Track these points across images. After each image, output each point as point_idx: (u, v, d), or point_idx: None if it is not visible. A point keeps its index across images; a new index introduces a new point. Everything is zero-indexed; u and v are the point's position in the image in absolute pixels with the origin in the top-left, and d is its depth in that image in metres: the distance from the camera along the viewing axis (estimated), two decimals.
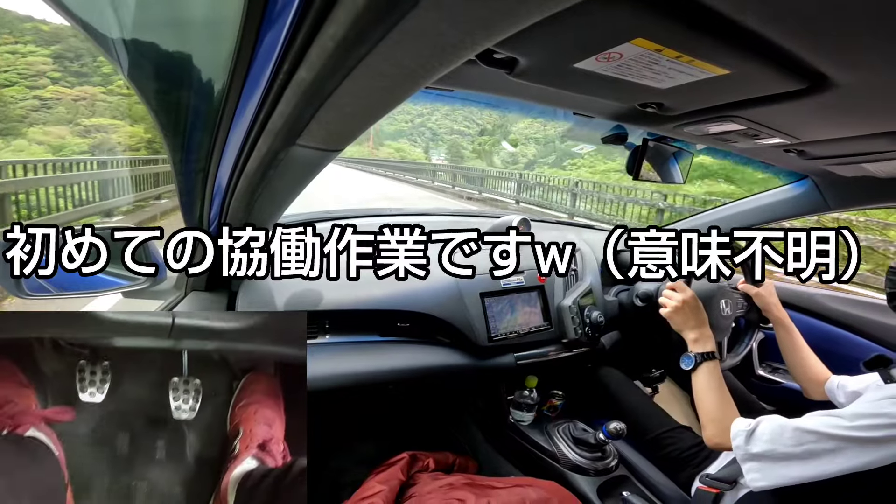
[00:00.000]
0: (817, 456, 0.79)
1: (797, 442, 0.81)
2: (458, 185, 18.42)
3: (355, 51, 0.33)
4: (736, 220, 1.76)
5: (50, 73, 26.67)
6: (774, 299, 1.31)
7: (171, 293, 1.00)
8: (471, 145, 46.07)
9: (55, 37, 27.54)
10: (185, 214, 0.91)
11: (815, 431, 0.81)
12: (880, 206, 1.52)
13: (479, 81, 0.79)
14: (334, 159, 0.63)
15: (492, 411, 1.46)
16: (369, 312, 1.15)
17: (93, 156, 18.41)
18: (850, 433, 0.77)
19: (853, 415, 0.79)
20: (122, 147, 21.97)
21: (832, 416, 0.81)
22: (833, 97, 0.65)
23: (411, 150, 52.50)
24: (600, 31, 0.50)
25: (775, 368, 1.70)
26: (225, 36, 0.41)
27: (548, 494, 0.99)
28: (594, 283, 1.45)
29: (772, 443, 0.84)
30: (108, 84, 26.14)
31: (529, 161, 39.26)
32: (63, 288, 0.86)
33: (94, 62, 26.52)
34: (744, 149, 1.11)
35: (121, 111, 24.64)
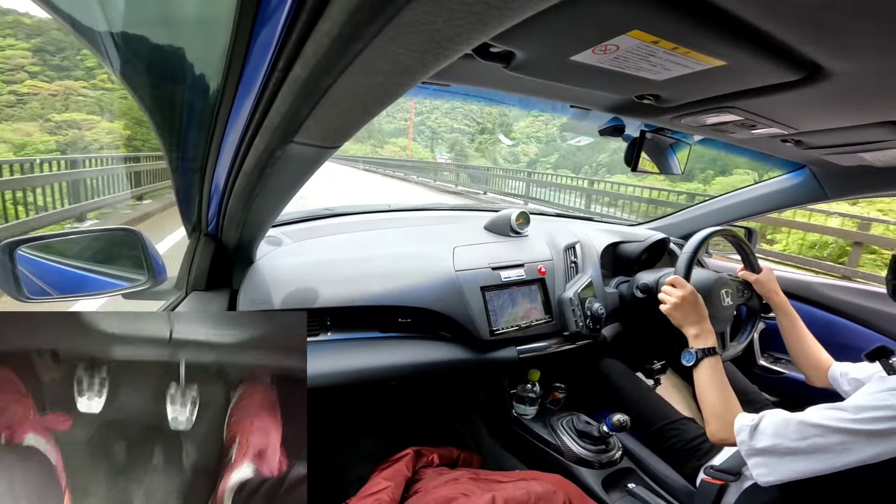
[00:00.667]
0: (823, 450, 0.79)
1: (802, 436, 0.81)
2: (461, 183, 17.51)
3: (351, 47, 0.33)
4: (735, 210, 1.76)
5: (28, 66, 25.33)
6: (774, 285, 1.31)
7: (171, 293, 1.00)
8: (472, 144, 45.93)
9: (36, 30, 26.56)
10: (184, 214, 0.91)
11: (819, 425, 0.80)
12: (878, 195, 1.52)
13: (476, 76, 0.79)
14: (331, 157, 0.63)
15: (495, 405, 1.47)
16: (370, 309, 1.15)
17: (63, 154, 17.26)
18: (855, 426, 0.77)
19: (856, 407, 0.79)
20: (97, 145, 20.33)
21: (836, 409, 0.81)
22: (829, 87, 0.65)
23: (416, 147, 52.22)
24: (596, 23, 0.50)
25: (777, 359, 1.71)
26: (219, 33, 0.40)
27: (553, 488, 1.00)
28: (594, 276, 1.46)
29: (776, 437, 0.84)
30: (92, 78, 25.05)
31: (531, 160, 39.05)
32: (64, 291, 0.86)
33: (77, 55, 25.58)
34: (741, 139, 1.11)
35: (100, 106, 23.27)
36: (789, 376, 1.61)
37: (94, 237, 0.98)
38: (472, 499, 0.96)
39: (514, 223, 1.49)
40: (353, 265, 1.19)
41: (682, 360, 1.09)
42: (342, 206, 1.63)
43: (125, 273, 0.93)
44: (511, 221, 1.48)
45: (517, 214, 1.50)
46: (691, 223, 1.88)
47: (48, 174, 6.50)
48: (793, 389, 1.58)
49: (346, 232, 1.37)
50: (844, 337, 1.53)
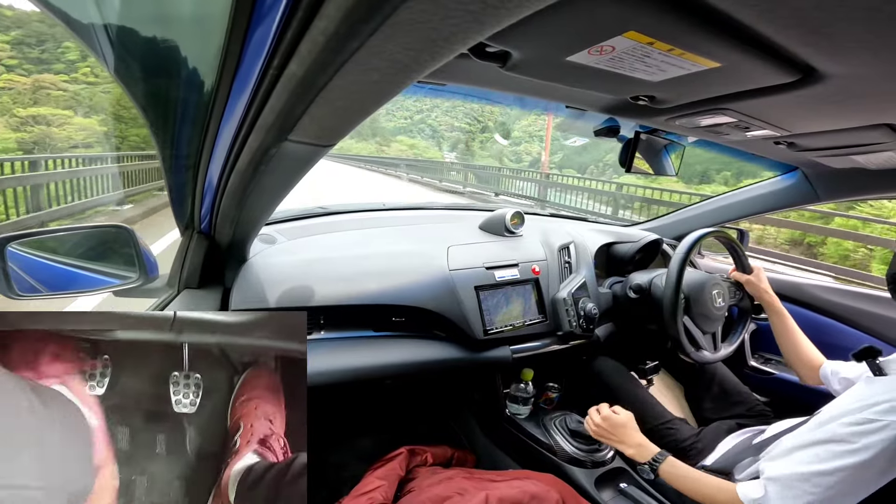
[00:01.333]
0: (842, 494, 0.77)
1: (814, 486, 0.78)
2: (469, 185, 15.95)
3: (347, 45, 0.33)
4: (727, 212, 1.78)
5: (6, 60, 24.29)
6: (765, 285, 1.32)
7: (163, 291, 0.99)
8: (473, 143, 45.64)
9: (17, 22, 25.65)
10: (176, 212, 0.90)
11: (823, 473, 0.77)
12: (870, 198, 1.54)
13: (472, 75, 0.79)
14: (326, 155, 0.63)
15: (489, 405, 1.47)
16: (364, 307, 1.15)
17: (25, 154, 15.25)
18: (855, 458, 0.75)
19: (851, 434, 0.77)
20: (67, 144, 17.85)
21: (830, 444, 0.78)
22: (823, 90, 0.65)
23: (425, 146, 51.77)
24: (593, 24, 0.50)
25: (767, 359, 1.72)
26: (214, 30, 0.40)
27: (547, 487, 1.00)
28: (588, 276, 1.46)
29: (793, 500, 0.80)
30: (73, 72, 23.95)
31: (534, 159, 38.66)
32: (55, 288, 0.85)
33: (58, 48, 24.52)
34: (735, 141, 1.12)
35: (77, 101, 22.04)
36: (779, 377, 1.63)
37: (86, 234, 0.97)
38: (465, 497, 0.96)
39: (509, 223, 1.49)
40: (347, 264, 1.19)
41: (643, 476, 1.11)
42: (336, 204, 1.62)
43: (116, 270, 0.92)
44: (505, 221, 1.49)
45: (511, 214, 1.50)
46: (684, 224, 1.89)
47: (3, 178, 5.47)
48: (783, 390, 1.59)
49: (341, 230, 1.37)
50: (833, 337, 1.55)
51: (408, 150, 48.04)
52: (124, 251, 0.91)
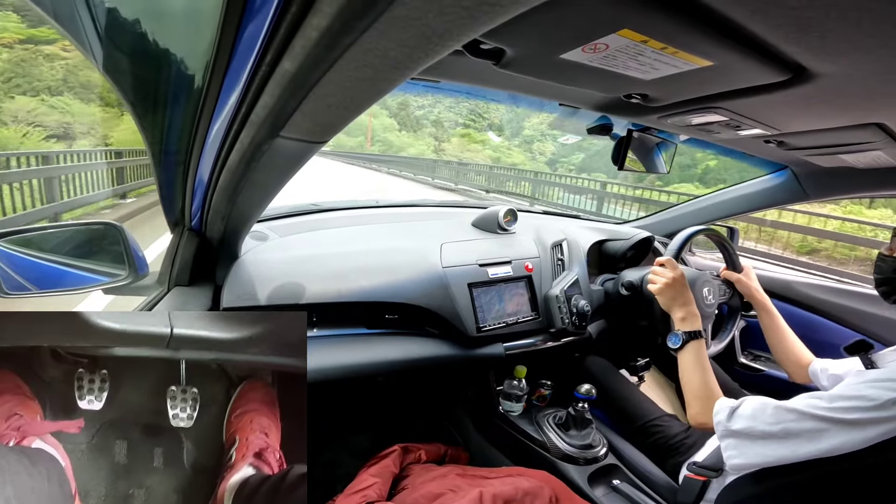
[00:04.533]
0: (795, 435, 0.80)
1: (776, 420, 0.82)
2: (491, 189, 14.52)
3: (340, 41, 0.33)
4: (716, 210, 1.79)
5: None
6: (756, 283, 1.34)
7: (153, 289, 0.98)
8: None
9: None
10: (166, 208, 0.89)
11: (794, 410, 0.82)
12: (858, 196, 1.56)
13: (466, 72, 0.78)
14: (319, 152, 0.63)
15: (482, 402, 1.47)
16: (357, 305, 1.15)
17: None
18: (830, 413, 0.78)
19: (833, 396, 0.80)
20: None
21: (813, 398, 0.83)
22: (813, 88, 0.66)
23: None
24: (587, 21, 0.50)
25: (757, 356, 1.74)
26: (205, 25, 0.40)
27: (539, 483, 1.01)
28: (581, 273, 1.47)
29: (752, 419, 0.85)
30: None
31: (549, 159, 37.35)
32: (43, 286, 0.84)
33: None
34: (725, 139, 1.13)
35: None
36: (769, 374, 1.65)
37: (74, 231, 0.96)
38: (459, 494, 0.96)
39: (502, 220, 1.49)
40: (340, 260, 1.18)
41: (668, 343, 1.11)
42: (329, 201, 1.61)
43: (105, 268, 0.91)
44: (499, 218, 1.49)
45: (504, 211, 1.50)
46: (675, 222, 1.90)
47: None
48: (773, 387, 1.61)
49: (333, 227, 1.37)
50: (822, 335, 1.57)
51: (425, 148, 47.33)
52: (114, 248, 0.90)
